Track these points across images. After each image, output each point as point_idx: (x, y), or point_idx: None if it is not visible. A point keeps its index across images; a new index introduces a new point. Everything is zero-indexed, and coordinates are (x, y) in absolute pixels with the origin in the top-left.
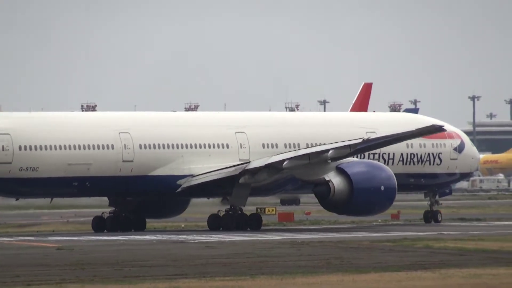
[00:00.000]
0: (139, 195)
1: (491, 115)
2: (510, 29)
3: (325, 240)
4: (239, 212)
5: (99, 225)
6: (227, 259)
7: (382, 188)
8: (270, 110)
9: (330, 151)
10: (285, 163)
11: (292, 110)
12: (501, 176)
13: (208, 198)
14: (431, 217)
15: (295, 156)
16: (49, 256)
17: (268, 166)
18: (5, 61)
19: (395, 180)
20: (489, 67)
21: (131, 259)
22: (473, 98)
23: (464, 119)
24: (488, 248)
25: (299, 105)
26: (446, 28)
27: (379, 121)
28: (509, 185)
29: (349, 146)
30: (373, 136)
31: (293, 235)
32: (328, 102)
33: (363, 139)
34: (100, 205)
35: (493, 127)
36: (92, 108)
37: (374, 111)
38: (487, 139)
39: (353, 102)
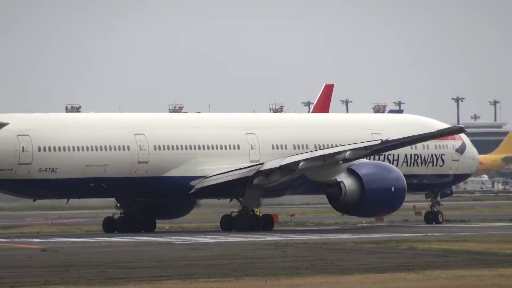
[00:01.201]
0: (153, 196)
1: (475, 117)
2: (494, 30)
3: (309, 242)
4: (252, 213)
5: (110, 226)
6: (211, 261)
7: (393, 189)
8: (254, 111)
9: (348, 152)
10: (301, 164)
11: (277, 111)
12: (485, 177)
13: (219, 199)
14: (432, 218)
15: (310, 158)
16: (34, 257)
17: (282, 167)
18: None
19: (405, 181)
20: (473, 68)
21: (115, 260)
22: (457, 100)
23: (448, 121)
24: (472, 250)
25: (283, 106)
26: (430, 30)
27: (383, 123)
28: (493, 186)
29: (366, 147)
30: (378, 137)
31: (280, 236)
32: (312, 103)
33: (382, 140)
34: (84, 207)
35: (477, 129)
36: (76, 109)
37: (382, 112)
38: (471, 140)
39: (315, 103)
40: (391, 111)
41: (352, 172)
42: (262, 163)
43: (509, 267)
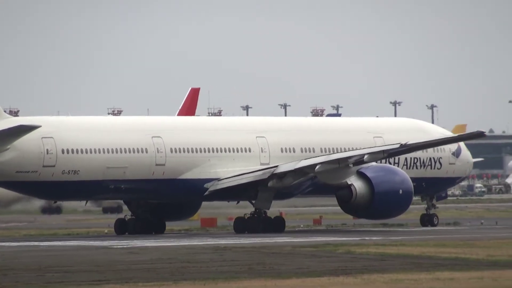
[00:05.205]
0: (169, 198)
1: None
2: (431, 33)
3: (247, 246)
4: (264, 215)
5: (121, 228)
6: (150, 265)
7: (401, 191)
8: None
9: (366, 156)
10: (317, 167)
11: (215, 115)
12: None
13: (228, 201)
14: (427, 220)
15: (327, 161)
16: None
17: (295, 170)
18: None
19: (411, 183)
20: (410, 72)
21: (54, 264)
22: (394, 103)
23: None
24: (409, 253)
25: (221, 110)
26: (367, 33)
27: (384, 127)
28: None
29: (383, 151)
30: (380, 141)
31: (218, 240)
32: (250, 107)
33: (401, 144)
34: (26, 211)
35: None
36: (15, 113)
37: (377, 116)
38: None
39: (180, 106)
40: (329, 115)
41: (361, 175)
42: (276, 166)
43: (446, 270)
